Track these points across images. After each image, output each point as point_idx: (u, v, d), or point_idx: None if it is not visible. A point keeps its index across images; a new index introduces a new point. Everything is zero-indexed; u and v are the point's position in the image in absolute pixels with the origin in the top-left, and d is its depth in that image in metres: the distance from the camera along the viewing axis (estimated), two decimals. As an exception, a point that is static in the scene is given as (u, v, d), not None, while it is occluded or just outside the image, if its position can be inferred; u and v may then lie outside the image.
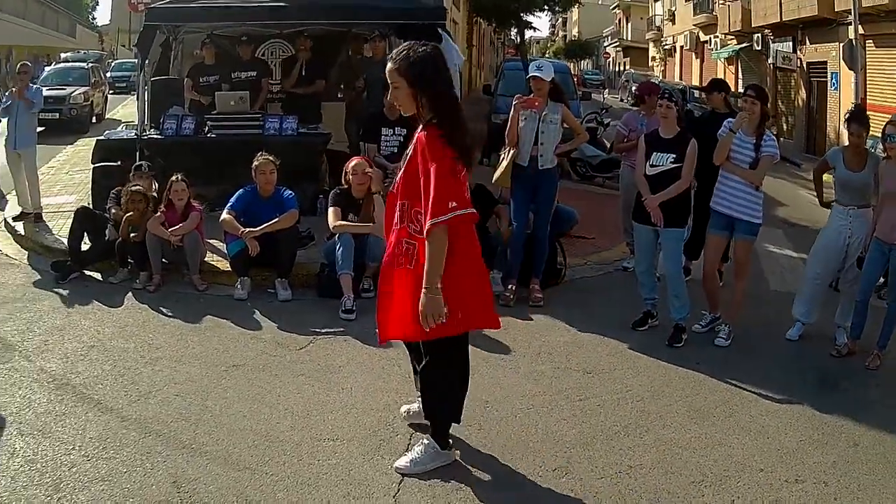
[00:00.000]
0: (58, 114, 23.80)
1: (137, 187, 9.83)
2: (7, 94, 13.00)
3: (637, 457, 5.91)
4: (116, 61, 49.29)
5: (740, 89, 26.83)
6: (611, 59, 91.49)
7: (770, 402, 6.94)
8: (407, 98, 5.16)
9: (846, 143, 8.87)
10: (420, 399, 5.90)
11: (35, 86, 13.38)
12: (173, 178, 9.72)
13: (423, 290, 4.99)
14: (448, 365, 5.50)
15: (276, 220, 9.15)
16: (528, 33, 35.82)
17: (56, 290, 9.43)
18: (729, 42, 41.53)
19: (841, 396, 7.21)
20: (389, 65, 5.20)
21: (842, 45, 25.55)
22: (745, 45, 38.11)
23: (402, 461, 5.53)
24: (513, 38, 58.14)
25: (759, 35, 35.66)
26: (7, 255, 11.03)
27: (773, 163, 8.27)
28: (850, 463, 5.97)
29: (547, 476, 5.63)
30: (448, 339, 5.31)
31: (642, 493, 5.44)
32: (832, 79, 28.56)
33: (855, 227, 8.21)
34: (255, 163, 9.43)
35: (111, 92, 33.79)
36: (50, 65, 35.83)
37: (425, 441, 5.55)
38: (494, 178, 9.57)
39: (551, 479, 5.59)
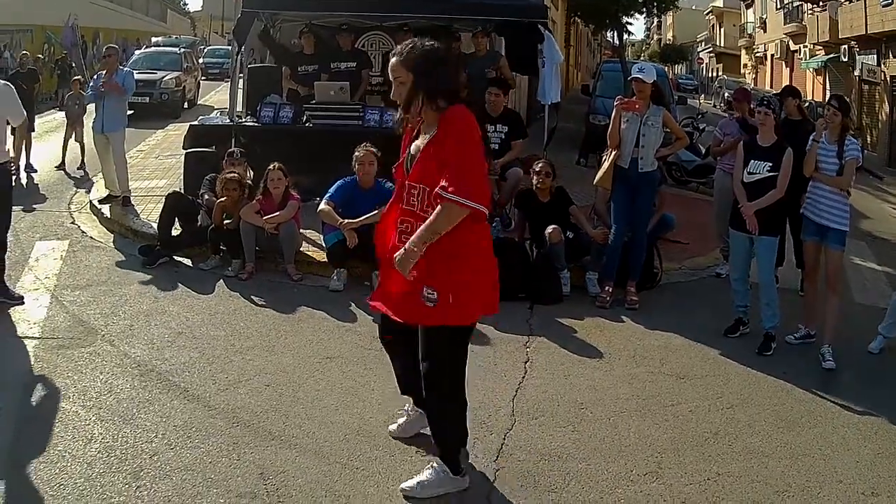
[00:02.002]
0: (148, 98, 24.57)
1: (233, 174, 10.05)
2: (95, 76, 13.26)
3: (725, 464, 6.07)
4: (209, 48, 50.40)
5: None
6: (704, 65, 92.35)
7: (851, 413, 7.12)
8: (409, 96, 5.07)
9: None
10: (408, 411, 6.01)
11: (126, 69, 13.70)
12: (270, 166, 9.93)
13: (408, 246, 4.95)
14: (453, 368, 5.29)
15: (376, 212, 9.14)
16: (624, 36, 36.07)
17: (143, 274, 9.68)
18: (817, 52, 41.91)
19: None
20: (394, 59, 5.08)
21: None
22: (832, 55, 38.39)
23: (410, 483, 5.38)
24: (609, 39, 58.45)
25: (846, 47, 35.91)
26: (92, 238, 11.35)
27: (858, 165, 8.44)
28: (922, 477, 6.11)
29: (638, 480, 5.76)
30: (454, 335, 5.19)
31: (729, 500, 5.61)
32: (914, 93, 28.62)
33: None
34: (357, 153, 9.54)
35: (203, 78, 34.58)
36: (140, 49, 36.60)
37: (435, 465, 5.41)
38: (596, 180, 9.87)
39: (642, 483, 5.72)
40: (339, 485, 5.41)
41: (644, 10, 35.56)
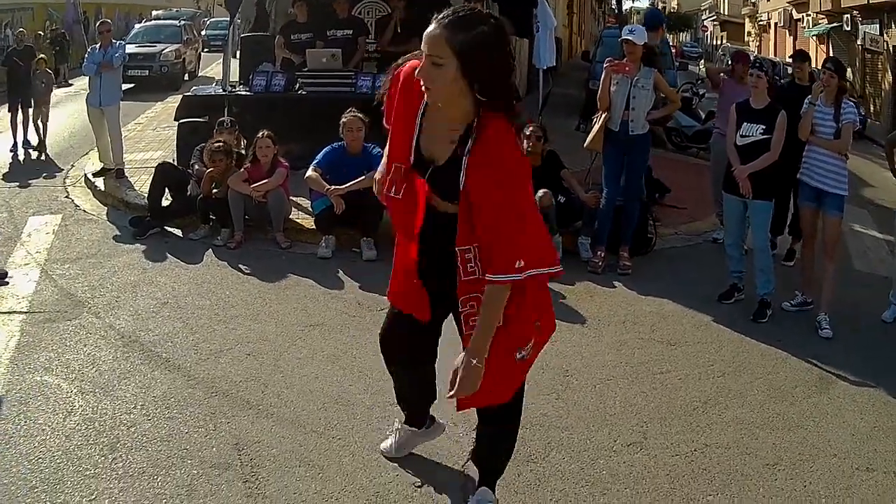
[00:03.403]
0: (147, 71, 24.71)
1: (219, 144, 9.99)
2: (90, 49, 13.18)
3: (714, 435, 5.92)
4: (212, 20, 50.04)
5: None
6: (709, 33, 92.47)
7: (847, 383, 6.91)
8: (450, 84, 3.70)
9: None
10: (398, 430, 5.26)
11: (119, 42, 13.63)
12: (259, 133, 9.86)
13: (472, 359, 3.93)
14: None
15: (363, 177, 9.09)
16: (629, 3, 36.13)
17: (133, 245, 9.64)
18: (820, 21, 41.87)
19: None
20: (435, 28, 3.66)
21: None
22: (835, 24, 38.40)
23: None
24: (613, 7, 58.44)
25: (849, 16, 35.86)
26: (85, 211, 11.32)
27: (855, 128, 8.30)
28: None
29: (621, 450, 5.62)
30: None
31: (716, 473, 5.43)
32: (916, 62, 28.69)
33: None
34: (344, 119, 9.46)
35: (206, 50, 34.62)
36: (142, 22, 36.54)
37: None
38: (586, 143, 9.72)
39: (625, 454, 5.58)
40: (315, 454, 5.33)
41: (648, -23, 35.69)
